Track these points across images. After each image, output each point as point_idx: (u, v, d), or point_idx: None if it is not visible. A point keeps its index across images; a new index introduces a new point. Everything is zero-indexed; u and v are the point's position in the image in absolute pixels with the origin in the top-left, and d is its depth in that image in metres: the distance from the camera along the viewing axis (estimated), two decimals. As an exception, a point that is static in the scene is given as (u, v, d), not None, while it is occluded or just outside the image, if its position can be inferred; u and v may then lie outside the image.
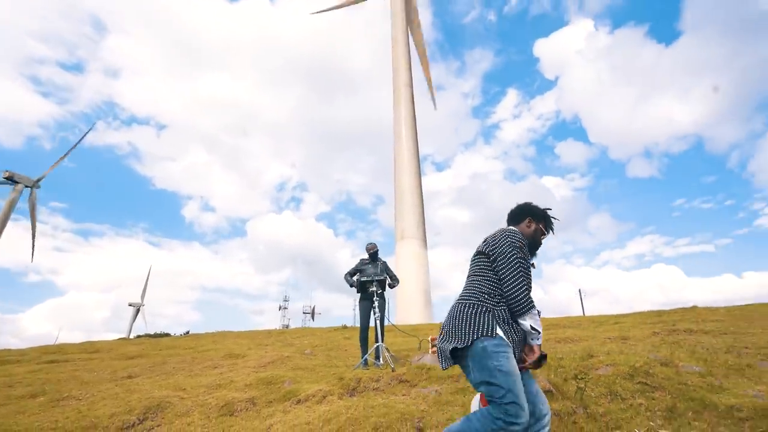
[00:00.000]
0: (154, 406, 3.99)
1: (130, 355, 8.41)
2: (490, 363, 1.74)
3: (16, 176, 33.38)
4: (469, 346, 1.78)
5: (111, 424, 3.65)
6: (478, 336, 1.78)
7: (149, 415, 3.85)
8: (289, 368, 5.38)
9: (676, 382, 3.08)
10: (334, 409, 3.39)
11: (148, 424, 3.69)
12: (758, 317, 6.33)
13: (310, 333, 11.11)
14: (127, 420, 3.70)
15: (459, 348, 1.82)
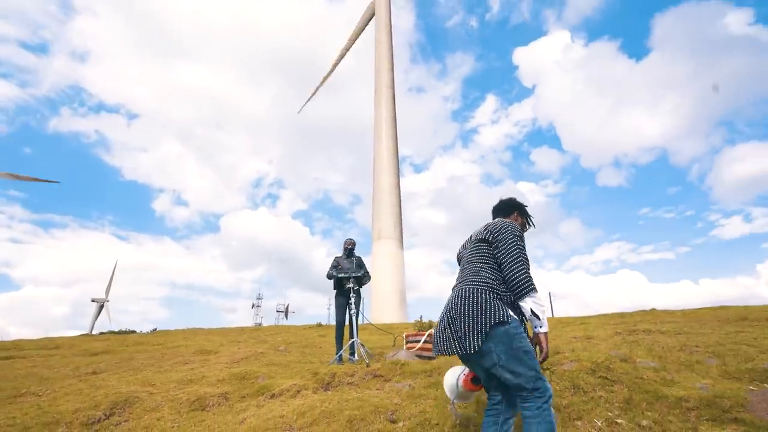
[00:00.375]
0: (122, 401, 3.89)
1: (94, 352, 8.08)
2: (515, 344, 1.77)
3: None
4: (489, 330, 1.77)
5: (75, 419, 3.53)
6: (499, 320, 1.78)
7: (116, 410, 3.76)
8: (263, 364, 5.35)
9: (633, 376, 3.29)
10: (308, 403, 3.41)
11: (114, 419, 3.60)
12: (709, 319, 6.77)
13: (285, 330, 11.00)
14: (92, 415, 3.59)
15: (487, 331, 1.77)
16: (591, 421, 2.70)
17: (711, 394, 2.85)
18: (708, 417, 2.65)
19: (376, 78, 32.97)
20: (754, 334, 5.05)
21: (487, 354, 1.80)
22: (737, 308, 8.00)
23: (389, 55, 33.26)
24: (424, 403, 3.20)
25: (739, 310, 7.45)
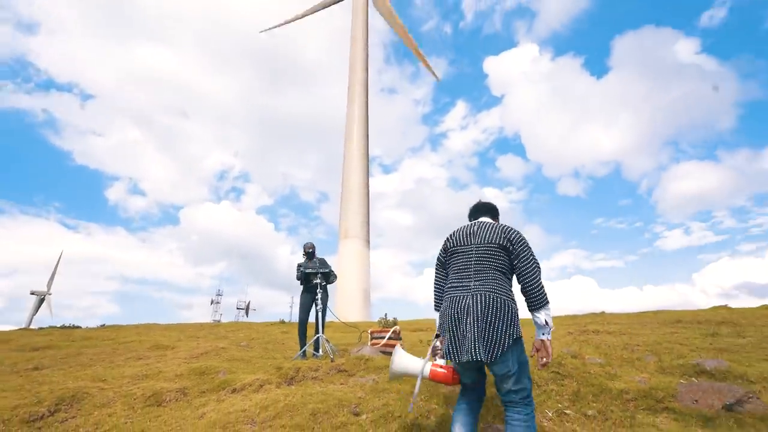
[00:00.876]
0: (68, 397, 3.68)
1: (35, 347, 7.52)
2: (524, 356, 1.94)
3: None
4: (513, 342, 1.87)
5: (14, 416, 3.30)
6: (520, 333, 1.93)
7: (62, 406, 3.55)
8: (224, 359, 5.22)
9: (582, 371, 3.54)
10: (271, 397, 3.39)
11: (60, 415, 3.40)
12: (650, 322, 7.35)
13: (246, 327, 10.74)
14: (34, 412, 3.37)
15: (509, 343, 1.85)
16: (543, 412, 2.89)
17: (647, 386, 3.13)
18: (644, 407, 2.91)
19: (350, 76, 32.78)
20: (686, 335, 5.55)
21: (503, 363, 1.87)
22: (673, 312, 8.72)
23: (364, 53, 33.17)
24: (387, 396, 3.27)
25: (675, 314, 8.12)
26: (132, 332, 9.36)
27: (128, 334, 8.97)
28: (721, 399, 2.77)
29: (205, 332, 9.17)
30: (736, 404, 2.69)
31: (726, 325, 6.38)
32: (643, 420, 2.70)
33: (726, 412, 2.66)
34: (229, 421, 2.99)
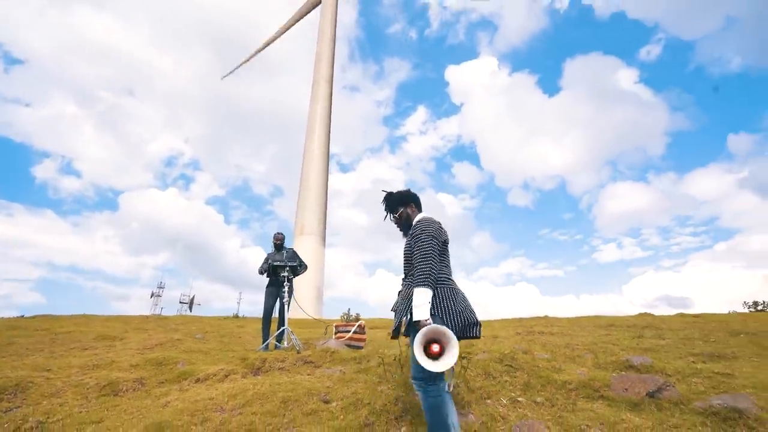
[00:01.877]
0: (11, 386, 3.44)
1: (-47, 335, 6.76)
2: None
3: None
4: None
5: (-50, 404, 3.05)
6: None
7: (4, 396, 3.31)
8: (181, 351, 5.07)
9: (531, 365, 3.90)
10: (238, 386, 3.41)
11: (3, 405, 3.18)
12: (587, 325, 8.11)
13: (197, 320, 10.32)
14: (-27, 400, 3.13)
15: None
16: (498, 400, 3.18)
17: (586, 378, 3.55)
18: (584, 395, 3.30)
19: (315, 70, 32.35)
20: (618, 337, 6.22)
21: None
22: (607, 317, 9.65)
23: (331, 48, 32.92)
24: (355, 386, 3.42)
25: (609, 319, 9.00)
26: (69, 323, 8.66)
27: (65, 324, 8.30)
28: (646, 388, 3.21)
29: (153, 325, 8.71)
30: (656, 392, 3.15)
31: (649, 329, 7.21)
32: (583, 406, 3.08)
33: (649, 399, 3.10)
34: (197, 409, 2.98)
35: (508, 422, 2.76)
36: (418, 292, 2.05)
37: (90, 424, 2.89)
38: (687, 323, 7.91)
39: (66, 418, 2.97)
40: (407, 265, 2.34)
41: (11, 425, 2.79)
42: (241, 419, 2.81)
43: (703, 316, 9.40)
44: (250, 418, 2.81)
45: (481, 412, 2.91)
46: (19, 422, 2.84)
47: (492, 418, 2.83)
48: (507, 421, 2.78)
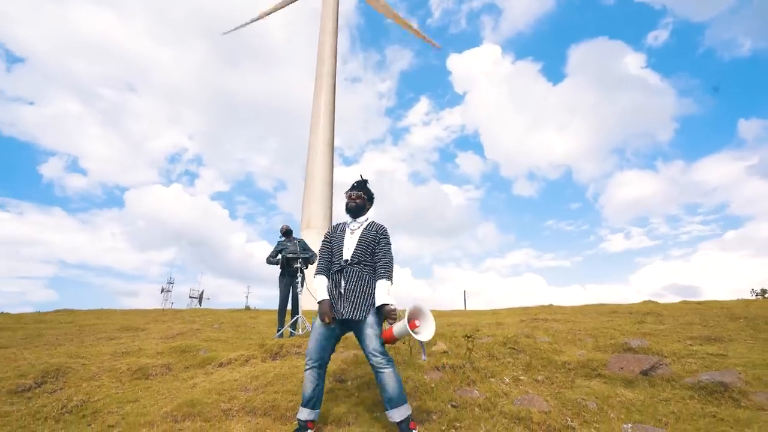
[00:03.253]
0: (53, 371, 3.74)
1: (-16, 328, 7.14)
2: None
3: None
4: None
5: (1, 388, 3.35)
6: None
7: (48, 379, 3.61)
8: (202, 339, 5.36)
9: (533, 348, 4.13)
10: (259, 369, 3.68)
11: (48, 387, 3.48)
12: (590, 312, 8.30)
13: (211, 312, 10.67)
14: (21, 384, 3.43)
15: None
16: (502, 378, 3.41)
17: (585, 359, 3.77)
18: (582, 374, 3.52)
19: (318, 65, 32.27)
20: (619, 323, 6.42)
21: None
22: (611, 305, 9.82)
23: (333, 42, 32.83)
24: (367, 367, 3.66)
25: (612, 307, 9.18)
26: (90, 316, 9.05)
27: (86, 318, 8.68)
28: (640, 367, 3.43)
29: (170, 317, 9.06)
30: (650, 370, 3.36)
31: (651, 315, 7.39)
32: (581, 383, 3.30)
33: (642, 376, 3.32)
34: (224, 389, 3.26)
35: (510, 397, 2.99)
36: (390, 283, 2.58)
37: (127, 402, 3.17)
38: (689, 310, 8.07)
39: (105, 398, 3.26)
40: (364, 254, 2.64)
41: (58, 404, 3.08)
42: (264, 397, 3.07)
43: (706, 303, 9.53)
44: (272, 396, 3.07)
45: (485, 389, 3.15)
46: (65, 401, 3.13)
47: (495, 394, 3.06)
48: (509, 397, 3.01)
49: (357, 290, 2.54)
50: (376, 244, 2.67)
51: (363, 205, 2.81)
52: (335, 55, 34.71)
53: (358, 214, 2.79)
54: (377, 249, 2.66)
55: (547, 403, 2.80)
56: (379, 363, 2.43)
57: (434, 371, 3.45)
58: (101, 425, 2.79)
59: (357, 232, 2.72)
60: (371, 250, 2.65)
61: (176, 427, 2.69)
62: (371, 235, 2.68)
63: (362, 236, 2.68)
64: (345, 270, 2.59)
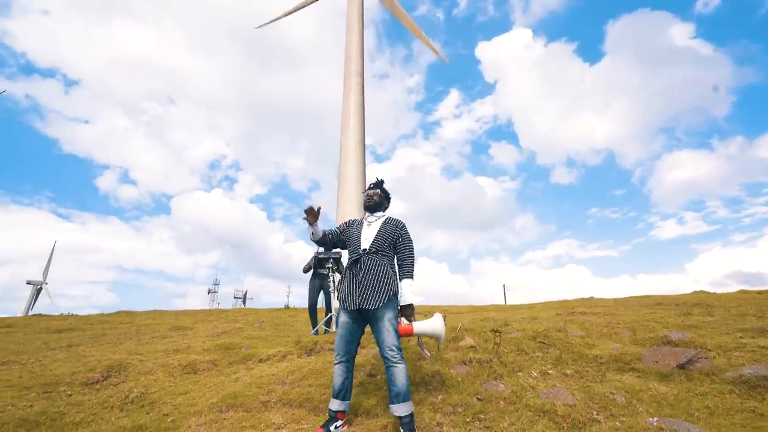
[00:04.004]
0: (116, 366, 4.17)
1: (58, 329, 7.99)
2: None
3: None
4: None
5: (74, 380, 3.80)
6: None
7: (112, 373, 4.05)
8: (244, 337, 5.73)
9: (564, 341, 4.08)
10: (296, 364, 3.91)
11: (112, 380, 3.90)
12: (633, 304, 7.95)
13: (253, 312, 11.27)
14: (90, 377, 3.87)
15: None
16: (529, 372, 3.43)
17: (618, 352, 3.68)
18: (614, 368, 3.45)
19: (346, 65, 32.63)
20: (662, 315, 6.13)
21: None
22: (657, 296, 9.34)
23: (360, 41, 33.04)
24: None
25: (658, 298, 8.74)
26: (145, 317, 9.85)
27: (142, 318, 9.46)
28: (676, 360, 3.31)
29: (216, 316, 9.68)
30: (687, 363, 3.24)
31: (700, 306, 6.97)
32: (612, 377, 3.25)
33: (679, 370, 3.21)
34: (263, 383, 3.51)
35: (537, 391, 3.01)
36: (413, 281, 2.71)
37: (179, 394, 3.50)
38: (745, 300, 7.52)
39: (160, 391, 3.61)
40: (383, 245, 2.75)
41: (122, 395, 3.47)
42: (299, 390, 3.29)
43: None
44: (307, 389, 3.28)
45: (512, 383, 3.18)
46: (127, 392, 3.51)
47: (522, 387, 3.09)
48: (536, 390, 3.03)
49: (374, 280, 2.63)
50: (397, 237, 2.78)
51: (380, 203, 2.98)
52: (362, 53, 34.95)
53: (375, 210, 2.96)
54: (399, 243, 2.78)
55: (573, 397, 2.80)
56: (393, 357, 2.53)
57: (461, 365, 3.52)
58: (157, 414, 3.12)
59: (375, 224, 2.85)
60: (391, 241, 2.76)
61: (221, 416, 2.96)
62: (390, 228, 2.80)
63: (381, 228, 2.81)
64: (362, 259, 2.70)
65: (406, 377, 2.55)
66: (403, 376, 2.53)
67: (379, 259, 2.72)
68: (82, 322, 8.90)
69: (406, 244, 2.77)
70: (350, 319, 2.73)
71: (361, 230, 2.87)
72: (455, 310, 9.76)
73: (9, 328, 8.71)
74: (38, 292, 55.23)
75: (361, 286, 2.64)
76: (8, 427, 2.86)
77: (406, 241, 2.79)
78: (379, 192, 3.00)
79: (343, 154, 29.51)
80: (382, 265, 2.70)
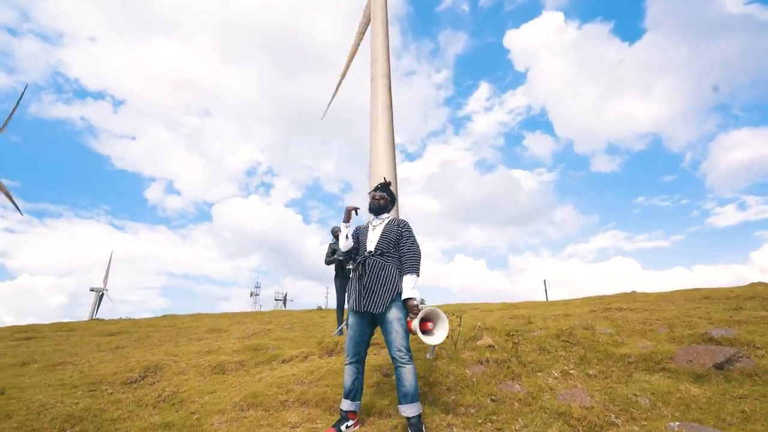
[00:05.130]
0: (153, 366, 4.47)
1: (110, 332, 8.66)
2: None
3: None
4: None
5: (115, 379, 4.11)
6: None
7: (148, 373, 4.33)
8: (272, 338, 5.94)
9: (590, 340, 3.89)
10: (315, 365, 4.01)
11: (149, 380, 4.18)
12: (677, 299, 7.41)
13: (287, 314, 11.64)
14: (129, 377, 4.17)
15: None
16: (550, 372, 3.30)
17: (648, 351, 3.46)
18: (643, 368, 3.25)
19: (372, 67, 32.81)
20: (708, 309, 5.67)
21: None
22: (706, 289, 8.66)
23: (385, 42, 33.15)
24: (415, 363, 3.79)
25: (706, 291, 8.10)
26: (187, 320, 10.46)
27: (184, 321, 10.05)
28: (713, 359, 3.06)
29: (251, 319, 10.10)
30: (725, 363, 2.99)
31: (755, 300, 6.38)
32: (639, 378, 3.06)
33: (716, 370, 2.96)
34: (283, 383, 3.62)
35: (555, 392, 2.89)
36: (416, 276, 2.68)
37: (207, 393, 3.69)
38: (810, 291, 6.80)
39: (190, 390, 3.83)
40: (387, 246, 2.77)
41: (155, 394, 3.71)
42: (316, 390, 3.36)
43: (839, 282, 7.93)
44: (323, 389, 3.35)
45: (529, 383, 3.08)
46: (160, 391, 3.75)
47: (539, 388, 2.98)
48: (554, 392, 2.92)
49: (379, 281, 2.66)
50: (400, 237, 2.80)
51: (386, 206, 3.02)
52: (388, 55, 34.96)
53: (380, 212, 3.00)
54: (402, 242, 2.79)
55: (591, 399, 2.67)
56: (401, 358, 2.54)
57: (477, 365, 3.45)
58: (185, 412, 3.31)
59: (379, 227, 2.89)
60: (394, 242, 2.79)
61: (242, 415, 3.09)
62: (394, 229, 2.83)
63: (385, 230, 2.85)
64: (367, 261, 2.75)
65: (415, 378, 2.55)
66: (412, 377, 2.53)
67: (384, 261, 2.74)
68: (131, 326, 9.59)
69: (406, 241, 2.79)
70: (359, 320, 2.77)
71: (367, 234, 2.91)
72: (486, 308, 9.55)
73: (71, 332, 9.56)
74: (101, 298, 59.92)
75: (366, 289, 2.68)
76: (56, 421, 3.15)
77: (408, 239, 2.80)
78: (385, 195, 3.04)
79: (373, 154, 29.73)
80: (386, 266, 2.72)
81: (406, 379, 2.52)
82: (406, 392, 2.50)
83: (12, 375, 4.76)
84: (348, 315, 2.89)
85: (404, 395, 2.51)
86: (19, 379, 4.46)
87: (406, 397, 2.50)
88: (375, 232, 2.88)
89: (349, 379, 2.75)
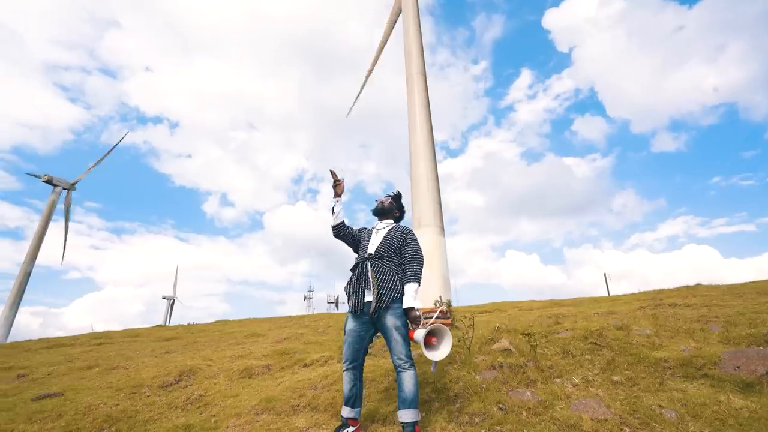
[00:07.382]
0: (187, 370, 4.76)
1: (166, 338, 9.40)
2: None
3: (54, 179, 35.71)
4: None
5: (153, 383, 4.43)
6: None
7: (183, 377, 4.63)
8: (302, 343, 6.09)
9: (622, 342, 3.53)
10: (332, 369, 4.04)
11: (182, 383, 4.46)
12: (747, 292, 6.53)
13: (327, 317, 11.90)
14: (166, 380, 4.48)
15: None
16: (570, 379, 3.04)
17: (689, 355, 3.07)
18: (680, 374, 2.89)
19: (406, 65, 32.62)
20: (781, 304, 4.93)
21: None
22: (787, 280, 7.56)
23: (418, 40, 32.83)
24: (426, 367, 3.68)
25: (786, 282, 7.06)
26: (235, 325, 11.07)
27: (232, 326, 10.64)
28: (766, 365, 2.64)
29: (293, 322, 10.44)
30: (779, 369, 2.56)
31: None
32: (673, 386, 2.71)
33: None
34: (298, 387, 3.69)
35: (571, 401, 2.66)
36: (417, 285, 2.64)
37: (230, 397, 3.86)
38: None
39: (216, 393, 4.03)
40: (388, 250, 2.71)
41: (185, 397, 3.95)
42: (327, 395, 3.38)
43: None
44: (333, 394, 3.36)
45: (544, 391, 2.86)
46: (189, 394, 3.98)
47: (554, 396, 2.76)
48: (570, 400, 2.68)
49: (377, 283, 2.63)
50: (403, 243, 2.77)
51: (390, 209, 3.00)
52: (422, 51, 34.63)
53: (382, 215, 2.99)
54: (405, 249, 2.75)
55: (608, 410, 2.42)
56: (402, 365, 2.51)
57: (490, 370, 3.27)
58: (207, 414, 3.48)
59: (382, 231, 2.87)
60: (396, 247, 2.75)
61: (255, 418, 3.19)
62: (397, 234, 2.81)
63: (388, 234, 2.82)
64: (366, 263, 2.73)
65: (415, 384, 2.49)
66: (412, 383, 2.47)
67: (383, 264, 2.70)
68: (185, 331, 10.35)
69: (411, 249, 2.75)
70: (357, 325, 2.74)
71: (369, 237, 2.90)
72: (527, 306, 9.07)
73: (135, 338, 10.51)
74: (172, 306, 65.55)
75: (363, 290, 2.66)
76: (97, 421, 3.46)
77: (411, 246, 2.76)
78: (390, 199, 3.04)
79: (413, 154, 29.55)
80: (385, 269, 2.68)
81: (407, 384, 2.47)
82: (405, 397, 2.46)
83: (76, 378, 5.32)
84: (346, 320, 2.87)
85: (403, 400, 2.47)
86: (80, 382, 4.97)
87: (405, 402, 2.45)
88: (378, 235, 2.86)
89: (347, 385, 2.73)
